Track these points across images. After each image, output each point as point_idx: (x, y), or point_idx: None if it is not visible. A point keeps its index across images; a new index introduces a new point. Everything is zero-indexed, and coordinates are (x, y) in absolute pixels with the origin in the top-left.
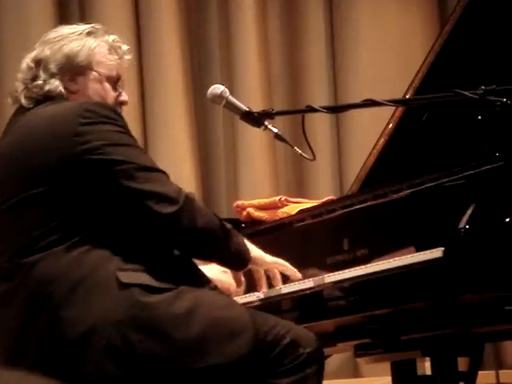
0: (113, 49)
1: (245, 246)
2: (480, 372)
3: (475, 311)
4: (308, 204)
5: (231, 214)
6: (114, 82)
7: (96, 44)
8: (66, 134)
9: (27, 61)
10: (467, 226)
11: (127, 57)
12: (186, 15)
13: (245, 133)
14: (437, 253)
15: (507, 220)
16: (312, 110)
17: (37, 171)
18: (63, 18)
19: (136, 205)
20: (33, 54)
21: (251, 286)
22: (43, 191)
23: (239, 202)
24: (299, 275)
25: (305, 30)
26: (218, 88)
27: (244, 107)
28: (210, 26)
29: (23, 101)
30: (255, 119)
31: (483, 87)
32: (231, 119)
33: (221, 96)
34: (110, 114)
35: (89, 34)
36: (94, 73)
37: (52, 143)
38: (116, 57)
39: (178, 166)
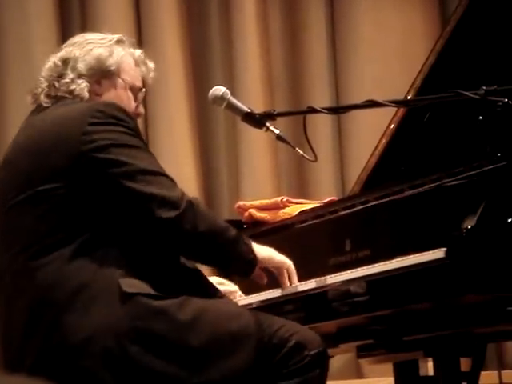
0: (137, 62)
1: (250, 254)
2: (482, 372)
3: (477, 312)
4: (310, 205)
5: (233, 215)
6: (136, 92)
7: (124, 53)
8: (75, 133)
9: (53, 60)
10: (469, 227)
11: (151, 74)
12: (187, 16)
13: (246, 134)
14: (439, 253)
15: (509, 220)
16: (313, 110)
17: (45, 169)
18: (64, 17)
19: (137, 207)
20: (60, 54)
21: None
22: (50, 189)
23: (241, 203)
24: (293, 284)
25: (306, 32)
26: (219, 89)
27: (245, 108)
28: (211, 28)
29: (42, 99)
30: (257, 120)
31: (484, 87)
32: (233, 120)
33: (222, 97)
34: (120, 115)
35: (117, 42)
36: (119, 79)
37: (61, 141)
38: (140, 69)
39: (179, 167)
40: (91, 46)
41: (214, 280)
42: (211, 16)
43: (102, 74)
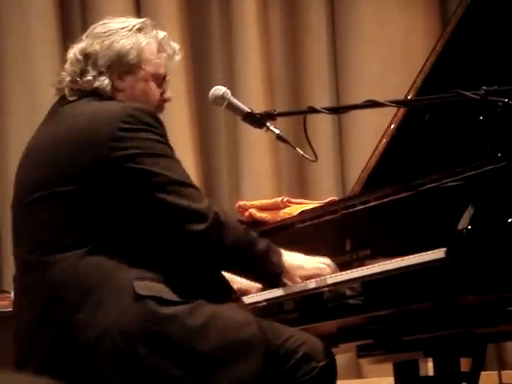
0: (161, 46)
1: (278, 268)
2: (482, 373)
3: (477, 312)
4: (310, 205)
5: (233, 215)
6: (160, 79)
7: (146, 41)
8: (104, 137)
9: (75, 52)
10: (469, 227)
11: (176, 57)
12: (188, 16)
13: (247, 134)
14: (439, 253)
15: (509, 220)
16: (314, 110)
17: (68, 169)
18: (64, 17)
19: (166, 219)
20: (81, 46)
21: None
22: (71, 190)
23: (241, 203)
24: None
25: (306, 32)
26: (219, 89)
27: (246, 108)
28: (212, 27)
29: (67, 93)
30: (257, 120)
31: (485, 88)
32: (233, 120)
33: (222, 97)
34: (151, 122)
35: (139, 30)
36: (141, 71)
37: (88, 143)
38: (164, 54)
39: None
40: (112, 39)
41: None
42: (212, 15)
43: (123, 70)
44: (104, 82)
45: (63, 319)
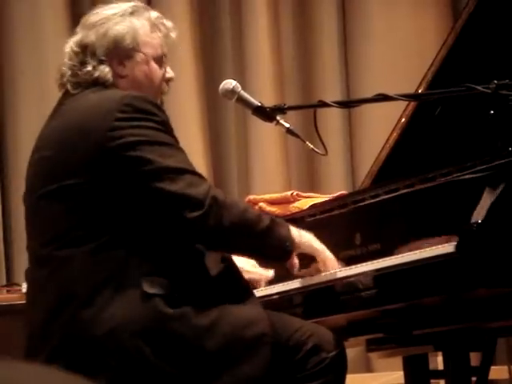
0: (155, 26)
1: (286, 238)
2: (492, 367)
3: (488, 306)
4: (320, 199)
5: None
6: (160, 60)
7: (140, 24)
8: (102, 128)
9: (71, 45)
10: (479, 221)
11: (172, 34)
12: (199, 10)
13: (257, 128)
14: (449, 247)
15: None
16: (324, 104)
17: (72, 162)
18: (75, 5)
19: (162, 207)
20: (76, 39)
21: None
22: (77, 183)
23: (251, 197)
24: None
25: (317, 25)
26: (229, 83)
27: (256, 102)
28: (223, 21)
29: (69, 87)
30: (267, 114)
31: (496, 81)
32: (243, 114)
33: (233, 91)
34: (150, 109)
35: (131, 13)
36: (140, 54)
37: (88, 136)
38: (160, 34)
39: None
40: (106, 27)
41: (247, 264)
42: (223, 10)
43: (122, 55)
44: (104, 70)
45: (73, 314)
